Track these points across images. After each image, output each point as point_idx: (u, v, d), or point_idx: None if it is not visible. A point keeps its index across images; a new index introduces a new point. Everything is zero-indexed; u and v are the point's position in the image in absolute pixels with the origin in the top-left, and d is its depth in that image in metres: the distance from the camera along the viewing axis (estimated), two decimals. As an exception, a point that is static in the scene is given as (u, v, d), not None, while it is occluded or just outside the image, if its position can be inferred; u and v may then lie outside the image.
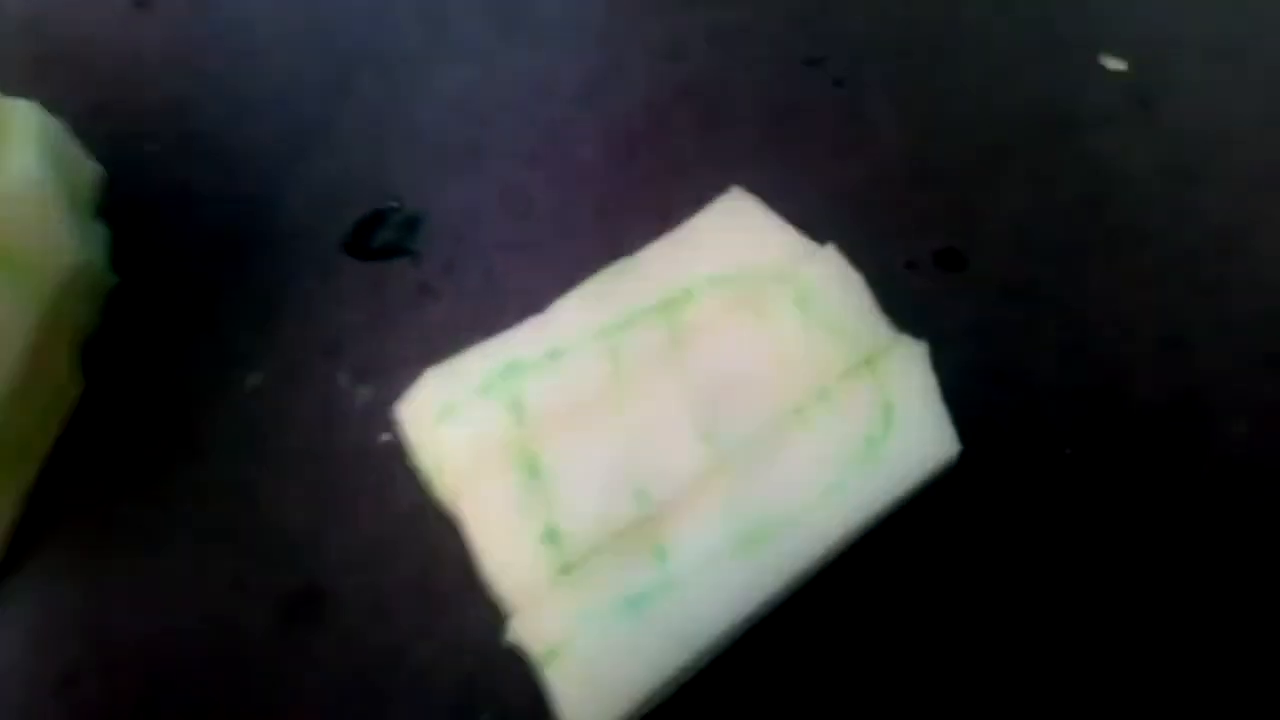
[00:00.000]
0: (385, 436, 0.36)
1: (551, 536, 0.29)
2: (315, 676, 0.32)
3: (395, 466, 0.35)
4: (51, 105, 0.38)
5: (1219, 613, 0.33)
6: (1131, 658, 0.32)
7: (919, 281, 0.39)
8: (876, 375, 0.31)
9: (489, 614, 0.31)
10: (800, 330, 0.32)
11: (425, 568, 0.34)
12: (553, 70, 0.45)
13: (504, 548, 0.29)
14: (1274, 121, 0.42)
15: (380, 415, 0.36)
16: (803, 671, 0.32)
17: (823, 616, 0.32)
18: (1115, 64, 0.44)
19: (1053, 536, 0.34)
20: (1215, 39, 0.45)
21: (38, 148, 0.35)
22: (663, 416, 0.30)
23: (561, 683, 0.27)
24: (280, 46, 0.46)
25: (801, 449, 0.30)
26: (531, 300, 0.37)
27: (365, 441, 0.36)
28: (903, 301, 0.34)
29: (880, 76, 0.44)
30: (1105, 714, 0.31)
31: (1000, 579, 0.33)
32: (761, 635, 0.31)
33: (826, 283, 0.32)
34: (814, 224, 0.34)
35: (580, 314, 0.32)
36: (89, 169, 0.40)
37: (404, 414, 0.32)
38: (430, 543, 0.34)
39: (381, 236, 0.41)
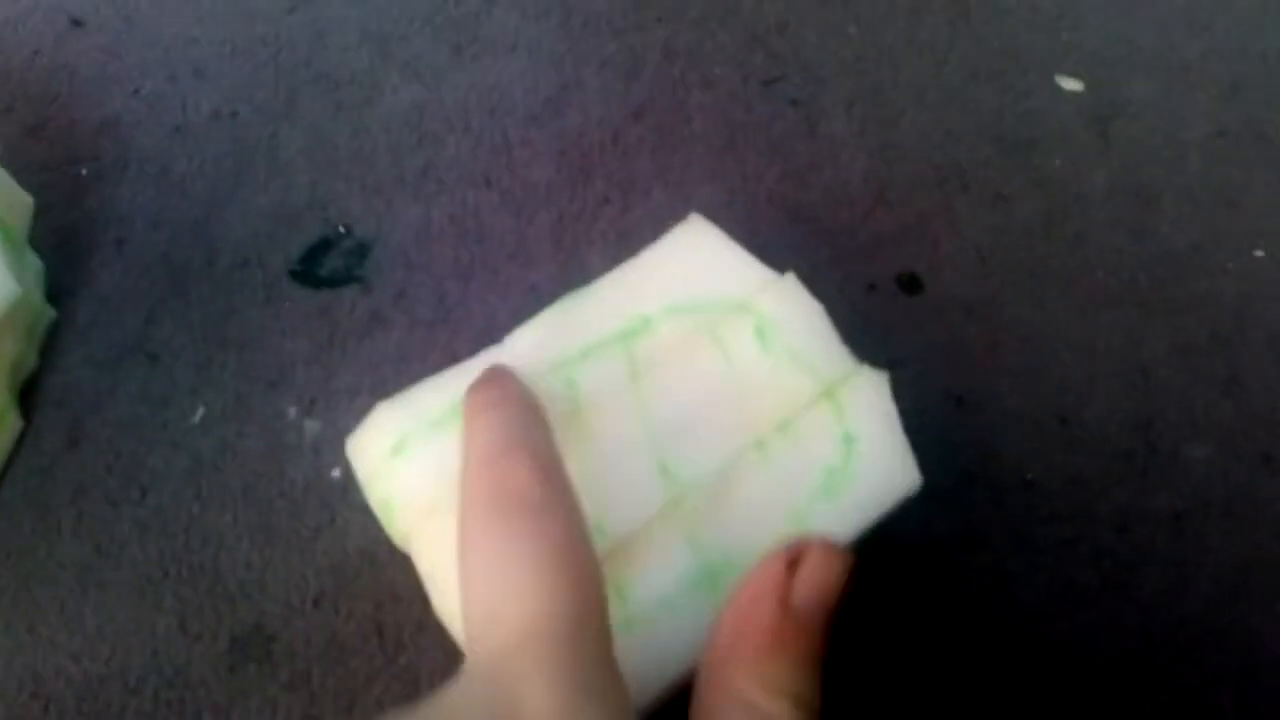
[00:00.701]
0: (335, 472, 0.35)
1: None
2: (265, 719, 0.31)
3: (346, 501, 0.34)
4: (-19, 126, 0.37)
5: (1182, 634, 0.32)
6: (1094, 682, 0.32)
7: (879, 304, 0.38)
8: (837, 406, 0.30)
9: (445, 653, 0.31)
10: (760, 361, 0.31)
11: (379, 606, 0.33)
12: (506, 88, 0.44)
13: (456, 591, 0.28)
14: (1228, 138, 0.42)
15: (330, 449, 0.35)
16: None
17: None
18: (1071, 84, 0.44)
19: (1014, 562, 0.34)
20: (1168, 55, 0.45)
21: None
22: (621, 449, 0.30)
23: None
24: (222, 65, 0.45)
25: (761, 481, 0.29)
26: (486, 327, 0.36)
27: (315, 476, 0.35)
28: (864, 325, 0.33)
29: (838, 97, 0.44)
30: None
31: (962, 605, 0.33)
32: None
33: (786, 313, 0.32)
34: (773, 246, 0.34)
35: (537, 345, 0.32)
36: (20, 198, 0.38)
37: (353, 449, 0.31)
38: (383, 580, 0.33)
39: (330, 264, 0.40)
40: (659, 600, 0.28)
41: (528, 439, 0.26)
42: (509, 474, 0.25)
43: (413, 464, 0.30)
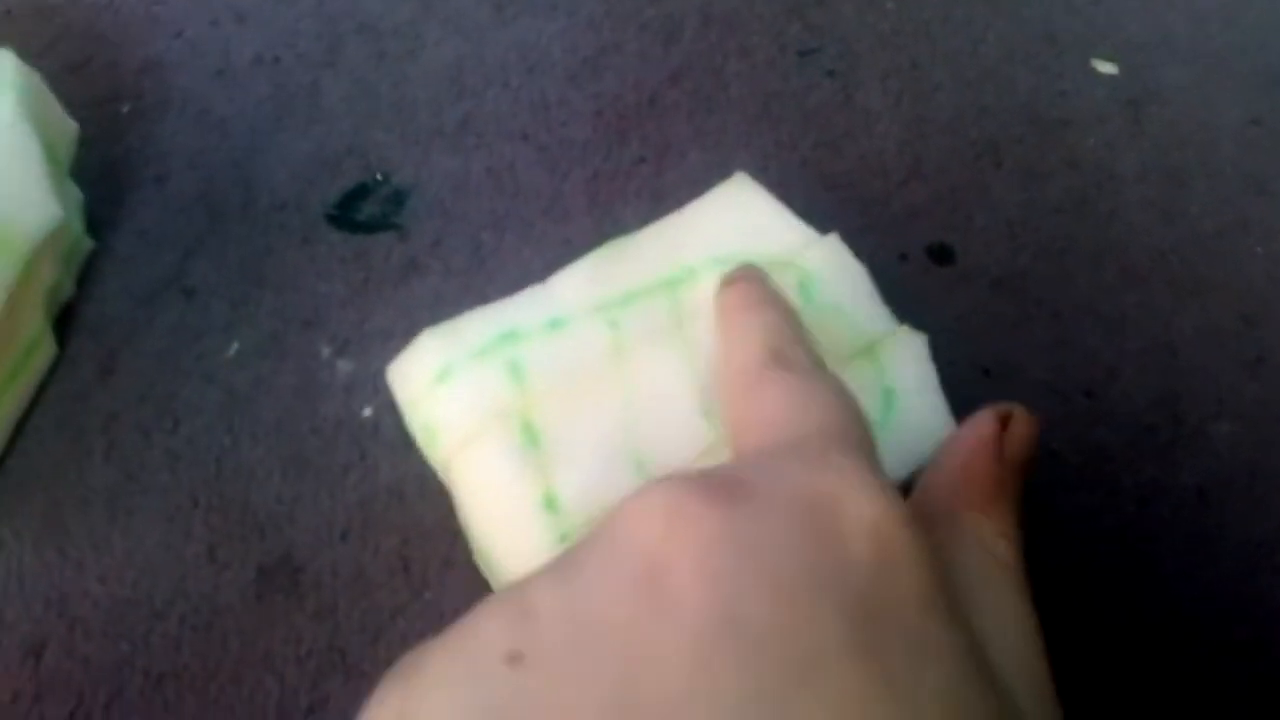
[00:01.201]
0: (367, 411, 0.35)
1: (550, 504, 0.28)
2: (291, 649, 0.31)
3: (377, 439, 0.35)
4: (26, 61, 0.37)
5: (1202, 607, 0.33)
6: (1113, 654, 0.32)
7: (910, 274, 0.39)
8: (877, 362, 0.30)
9: (471, 590, 0.31)
10: (802, 314, 0.31)
11: (405, 541, 0.33)
12: (546, 48, 0.44)
13: (500, 514, 0.28)
14: (1261, 125, 0.43)
15: (362, 389, 0.36)
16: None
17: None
18: (1106, 67, 0.44)
19: (1035, 530, 0.34)
20: (1203, 44, 0.45)
21: (14, 96, 0.34)
22: (664, 391, 0.30)
23: None
24: (266, 11, 0.45)
25: None
26: (520, 278, 0.36)
27: (346, 415, 0.35)
28: (894, 293, 0.34)
29: (873, 70, 0.44)
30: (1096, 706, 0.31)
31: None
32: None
33: (830, 270, 0.32)
34: (806, 213, 0.34)
35: (580, 287, 0.32)
36: (65, 125, 0.38)
37: (395, 375, 0.31)
38: (411, 516, 0.33)
39: (367, 209, 0.40)
40: None
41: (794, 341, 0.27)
42: (780, 346, 0.26)
43: (456, 392, 0.30)
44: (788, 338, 0.27)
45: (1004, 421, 0.27)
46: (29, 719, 0.31)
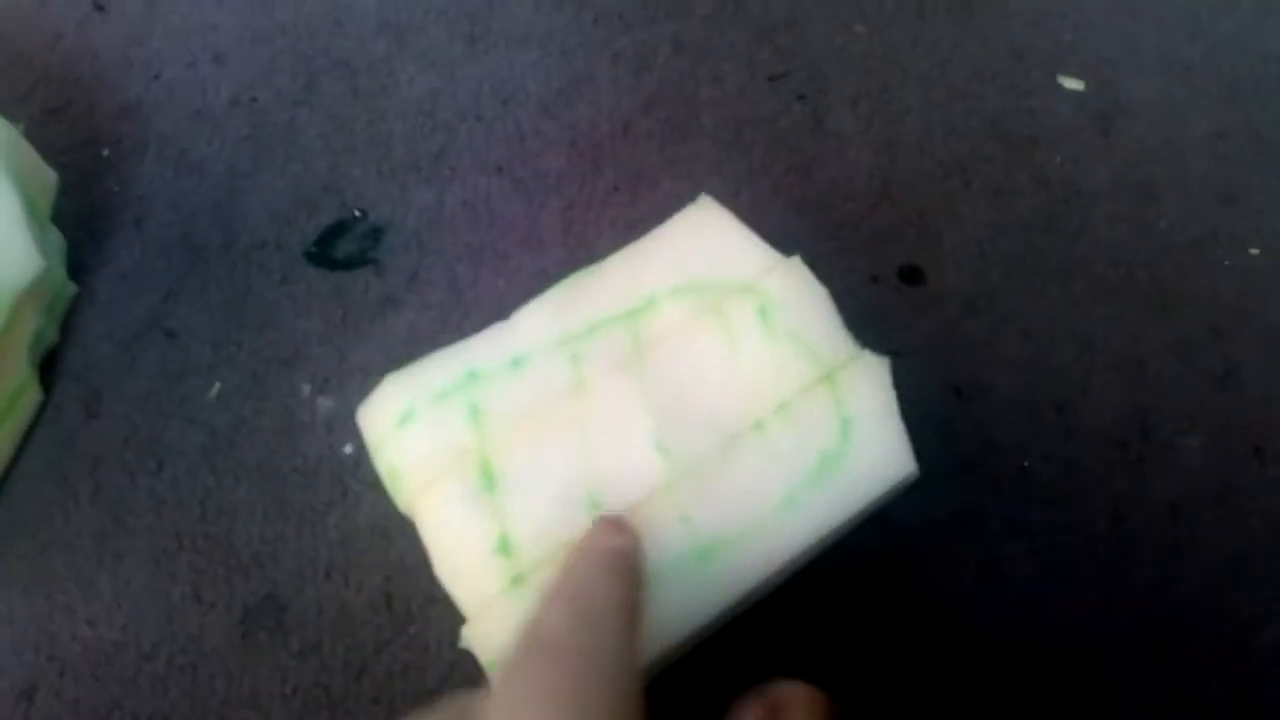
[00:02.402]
0: (347, 448, 0.36)
1: (504, 547, 0.29)
2: (277, 687, 0.32)
3: (358, 477, 0.35)
4: (5, 108, 0.38)
5: (1175, 619, 0.33)
6: (1087, 666, 0.32)
7: (882, 295, 0.39)
8: (836, 390, 0.31)
9: (452, 624, 0.31)
10: (762, 342, 0.32)
11: (388, 578, 0.34)
12: (519, 79, 0.45)
13: (457, 556, 0.29)
14: (1228, 137, 0.43)
15: (343, 426, 0.36)
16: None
17: (779, 630, 0.33)
18: (1073, 83, 0.45)
19: (1010, 547, 0.34)
20: (1169, 58, 0.45)
21: (-6, 153, 0.35)
22: (621, 426, 0.30)
23: None
24: (242, 51, 0.46)
25: (758, 462, 0.30)
26: (496, 310, 0.37)
27: (327, 452, 0.36)
28: (866, 315, 0.34)
29: (844, 93, 0.45)
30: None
31: (958, 589, 0.34)
32: (716, 649, 0.31)
33: (790, 295, 0.32)
34: (778, 237, 0.35)
35: (543, 322, 0.32)
36: (45, 174, 0.39)
37: (363, 419, 0.32)
38: (393, 553, 0.34)
39: (344, 246, 0.40)
40: (652, 574, 0.28)
41: (583, 588, 0.26)
42: (544, 617, 0.25)
43: (418, 434, 0.30)
44: (574, 591, 0.26)
45: (774, 710, 0.26)
46: (22, 763, 0.31)
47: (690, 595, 0.28)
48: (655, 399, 0.31)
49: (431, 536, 0.30)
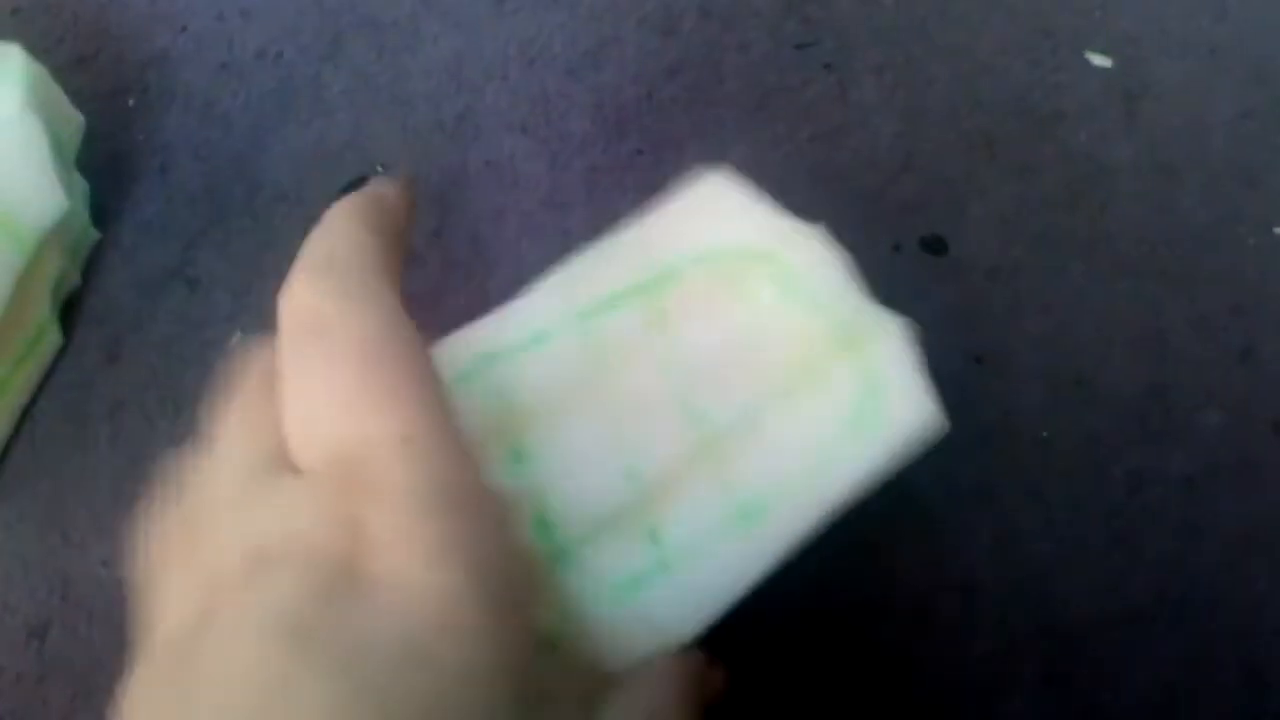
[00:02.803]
0: (367, 398, 0.36)
1: (542, 525, 0.28)
2: (290, 632, 0.32)
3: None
4: (33, 55, 0.38)
5: (1190, 594, 0.33)
6: (1102, 640, 0.32)
7: (904, 264, 0.39)
8: (860, 351, 0.31)
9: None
10: (784, 308, 0.31)
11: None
12: (545, 41, 0.45)
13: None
14: (1253, 119, 0.43)
15: (362, 377, 0.36)
16: (794, 649, 0.32)
17: (792, 598, 0.33)
18: (1100, 60, 0.45)
19: (1026, 518, 0.34)
20: (1196, 37, 0.45)
21: (22, 90, 0.35)
22: (648, 397, 0.30)
23: None
24: (270, 5, 0.46)
25: (788, 424, 0.30)
26: (518, 269, 0.37)
27: (346, 402, 0.36)
28: (888, 283, 0.34)
29: (870, 63, 0.45)
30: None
31: (975, 559, 0.34)
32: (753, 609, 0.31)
33: (809, 263, 0.32)
34: (801, 205, 0.34)
35: (562, 296, 0.32)
36: (72, 117, 0.39)
37: None
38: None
39: (368, 200, 0.41)
40: (693, 542, 0.28)
41: (332, 257, 0.25)
42: (298, 294, 0.24)
43: None
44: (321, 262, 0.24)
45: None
46: (33, 700, 0.31)
47: (734, 558, 0.28)
48: (681, 368, 0.30)
49: None
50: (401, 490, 0.20)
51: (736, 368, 0.31)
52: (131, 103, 0.43)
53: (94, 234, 0.39)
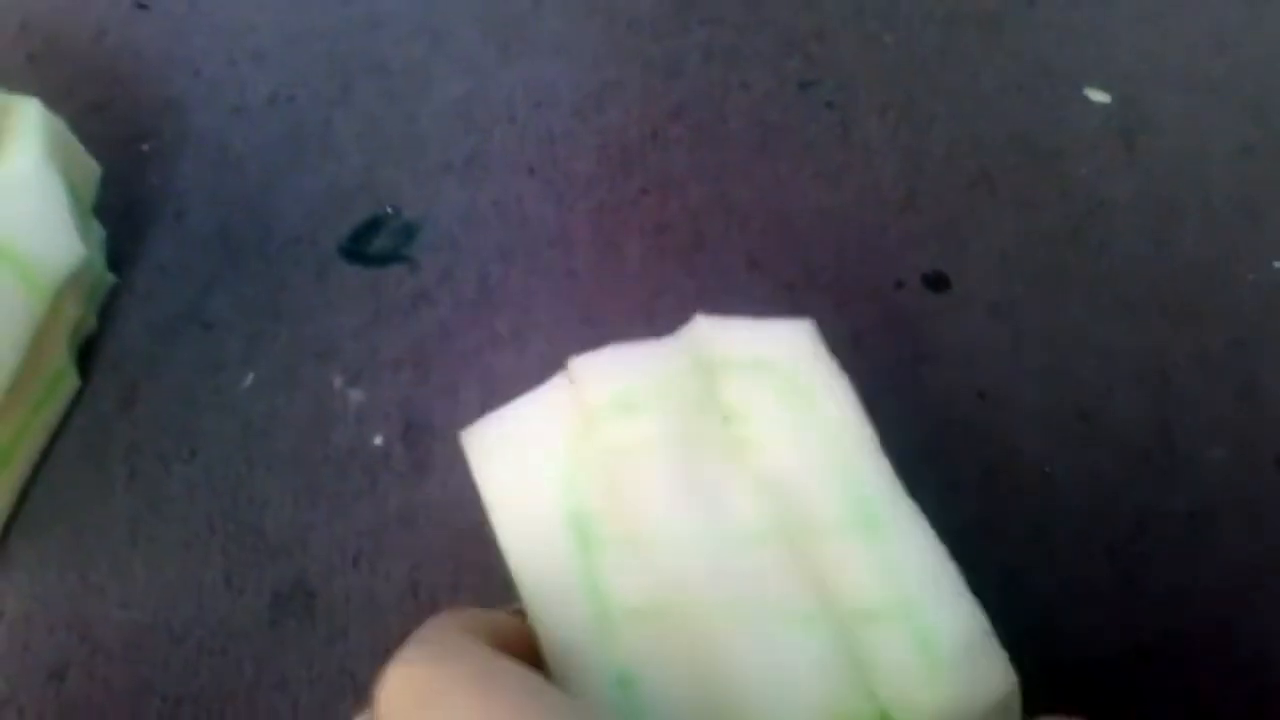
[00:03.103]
0: (377, 439, 0.36)
1: (624, 685, 0.24)
2: (304, 672, 0.32)
3: (387, 467, 0.36)
4: (49, 103, 0.38)
5: (1194, 629, 0.33)
6: (1109, 674, 0.33)
7: (907, 301, 0.40)
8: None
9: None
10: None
11: (416, 566, 0.34)
12: (551, 84, 0.46)
13: (571, 679, 0.25)
14: (1252, 154, 0.43)
15: (372, 418, 0.37)
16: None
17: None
18: (1099, 96, 0.45)
19: (1030, 553, 0.35)
20: (1195, 73, 0.46)
21: (40, 143, 0.35)
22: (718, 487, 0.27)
23: None
24: (280, 51, 0.47)
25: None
26: (526, 308, 0.38)
27: (358, 443, 0.36)
28: (892, 320, 0.35)
29: (872, 101, 0.45)
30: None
31: (978, 595, 0.34)
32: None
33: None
34: (805, 243, 0.35)
35: (599, 374, 0.27)
36: (88, 165, 0.40)
37: (467, 439, 0.28)
38: (420, 542, 0.34)
39: (378, 243, 0.41)
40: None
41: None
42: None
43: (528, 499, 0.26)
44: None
45: None
46: (52, 741, 0.32)
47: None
48: (743, 464, 0.27)
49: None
50: None
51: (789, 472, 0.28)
52: (146, 148, 0.44)
53: (110, 279, 0.40)
